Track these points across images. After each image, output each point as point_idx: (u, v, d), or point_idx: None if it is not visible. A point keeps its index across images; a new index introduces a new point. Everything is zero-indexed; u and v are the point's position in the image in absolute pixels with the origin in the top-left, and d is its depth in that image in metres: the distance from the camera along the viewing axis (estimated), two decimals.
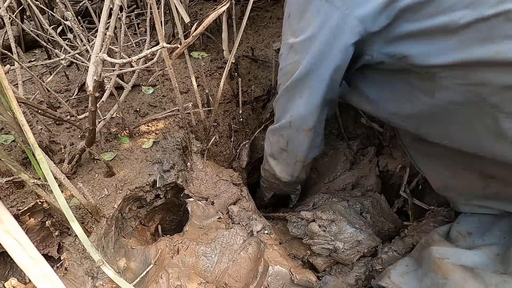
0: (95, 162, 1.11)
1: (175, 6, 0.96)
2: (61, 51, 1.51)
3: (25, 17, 1.79)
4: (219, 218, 1.07)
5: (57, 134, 1.20)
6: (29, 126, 0.63)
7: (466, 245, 0.78)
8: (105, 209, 0.99)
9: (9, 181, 0.92)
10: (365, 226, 1.01)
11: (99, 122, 1.09)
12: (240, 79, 1.35)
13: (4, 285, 0.68)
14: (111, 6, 0.80)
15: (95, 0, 2.05)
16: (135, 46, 1.69)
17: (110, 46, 1.12)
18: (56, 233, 0.93)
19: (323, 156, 1.44)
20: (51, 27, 1.46)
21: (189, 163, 1.16)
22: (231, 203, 1.11)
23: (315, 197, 1.16)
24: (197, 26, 0.93)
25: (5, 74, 0.60)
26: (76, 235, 0.88)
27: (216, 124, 1.33)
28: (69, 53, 1.27)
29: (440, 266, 0.72)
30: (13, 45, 1.07)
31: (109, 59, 0.75)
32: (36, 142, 0.58)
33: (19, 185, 0.99)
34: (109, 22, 0.81)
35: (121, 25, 1.17)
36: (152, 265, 0.95)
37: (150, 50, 0.75)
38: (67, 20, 1.33)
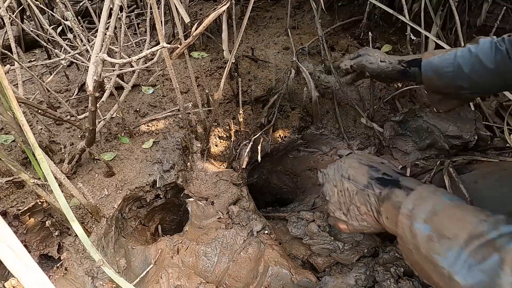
0: (95, 162, 1.11)
1: (175, 6, 0.96)
2: (61, 51, 1.51)
3: (25, 17, 1.79)
4: (219, 218, 1.07)
5: (57, 134, 1.20)
6: (29, 126, 0.63)
7: None
8: (105, 209, 0.99)
9: (9, 181, 0.92)
10: None
11: (99, 122, 1.09)
12: (240, 79, 1.35)
13: (4, 285, 0.68)
14: (111, 6, 0.80)
15: (95, 0, 2.05)
16: (135, 46, 1.69)
17: (110, 46, 1.12)
18: (56, 233, 0.93)
19: (323, 156, 1.44)
20: (51, 27, 1.46)
21: (189, 163, 1.16)
22: (231, 203, 1.11)
23: (315, 197, 1.16)
24: (197, 26, 0.93)
25: (5, 74, 0.60)
26: (76, 235, 0.88)
27: (216, 124, 1.33)
28: (69, 53, 1.27)
29: None
30: (13, 45, 1.07)
31: (109, 59, 0.75)
32: (36, 142, 0.58)
33: (19, 185, 0.99)
34: (109, 22, 0.81)
35: (121, 25, 1.17)
36: (152, 265, 0.95)
37: (150, 50, 0.75)
38: (67, 20, 1.33)
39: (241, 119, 1.30)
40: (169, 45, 0.78)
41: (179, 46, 0.95)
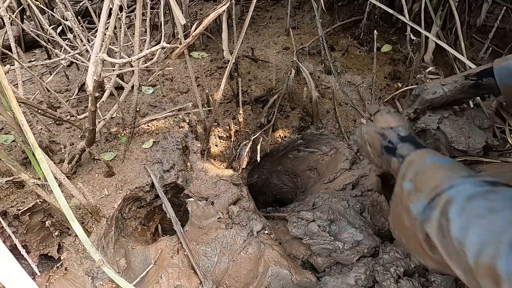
0: (95, 162, 1.11)
1: (173, 8, 0.96)
2: (61, 51, 1.51)
3: (25, 17, 1.79)
4: (219, 218, 1.07)
5: (57, 134, 1.20)
6: (29, 126, 0.63)
7: None
8: (105, 209, 0.99)
9: (9, 181, 0.92)
10: (365, 226, 1.01)
11: (99, 122, 1.09)
12: (240, 79, 1.35)
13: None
14: (111, 6, 0.80)
15: (95, 0, 2.05)
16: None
17: (110, 46, 1.12)
18: (56, 233, 0.93)
19: (323, 156, 1.44)
20: (51, 27, 1.46)
21: (189, 163, 1.16)
22: (231, 203, 1.11)
23: (315, 197, 1.16)
24: (197, 26, 0.93)
25: (5, 74, 0.60)
26: (76, 235, 0.88)
27: (216, 124, 1.33)
28: (69, 53, 1.27)
29: None
30: (13, 45, 1.07)
31: (109, 59, 0.75)
32: (36, 142, 0.58)
33: (19, 185, 0.99)
34: (109, 22, 0.81)
35: (121, 25, 1.17)
36: (152, 265, 0.95)
37: (150, 50, 0.75)
38: (67, 20, 1.33)
39: (241, 119, 1.30)
40: (169, 45, 0.78)
41: (179, 46, 0.95)
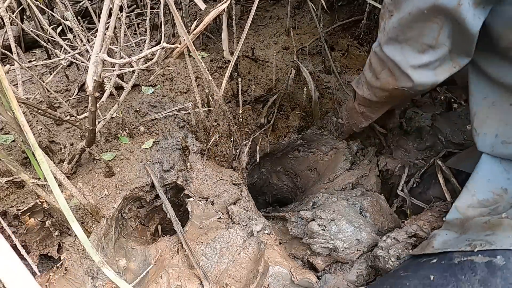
0: (95, 162, 1.11)
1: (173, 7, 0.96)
2: (61, 51, 1.51)
3: (25, 17, 1.79)
4: (219, 218, 1.07)
5: (57, 134, 1.20)
6: (29, 126, 0.63)
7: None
8: (105, 209, 0.99)
9: (9, 181, 0.92)
10: (364, 225, 1.01)
11: (99, 122, 1.09)
12: (240, 79, 1.35)
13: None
14: (111, 6, 0.80)
15: (95, 0, 2.05)
16: (135, 46, 1.69)
17: (110, 46, 1.12)
18: (56, 233, 0.93)
19: (323, 156, 1.44)
20: (51, 27, 1.46)
21: (189, 163, 1.16)
22: (231, 203, 1.11)
23: (315, 197, 1.16)
24: (197, 24, 0.94)
25: (5, 74, 0.60)
26: (76, 235, 0.88)
27: (216, 124, 1.33)
28: (69, 53, 1.27)
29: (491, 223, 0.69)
30: (13, 45, 1.07)
31: (109, 59, 0.75)
32: (36, 142, 0.58)
33: (19, 185, 0.99)
34: (109, 22, 0.81)
35: (121, 25, 1.17)
36: (152, 265, 0.95)
37: (150, 50, 0.75)
38: (67, 20, 1.33)
39: (241, 119, 1.30)
40: (169, 45, 0.78)
41: (179, 45, 0.95)
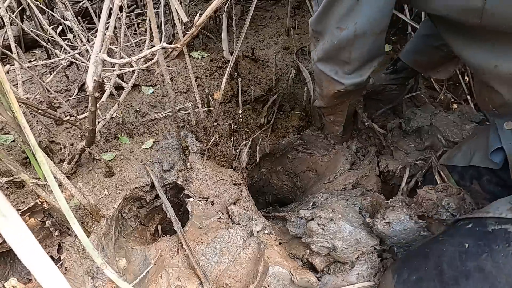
0: (95, 162, 1.11)
1: (175, 7, 0.96)
2: (61, 51, 1.51)
3: (25, 17, 1.79)
4: (219, 218, 1.07)
5: (57, 134, 1.20)
6: (29, 126, 0.63)
7: None
8: (105, 209, 0.99)
9: (9, 181, 0.92)
10: (364, 225, 1.01)
11: (99, 122, 1.09)
12: (240, 79, 1.35)
13: (4, 285, 0.69)
14: (111, 6, 0.80)
15: (95, 0, 2.05)
16: (135, 46, 1.69)
17: (110, 46, 1.12)
18: (56, 233, 0.93)
19: (321, 157, 1.44)
20: (51, 27, 1.46)
21: (189, 163, 1.16)
22: (231, 203, 1.11)
23: (315, 197, 1.16)
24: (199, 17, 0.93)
25: (5, 74, 0.60)
26: (76, 235, 0.88)
27: (216, 124, 1.33)
28: (69, 53, 1.27)
29: None
30: (13, 45, 1.07)
31: (109, 59, 0.75)
32: (36, 143, 0.58)
33: (19, 185, 0.99)
34: (109, 22, 0.81)
35: (121, 25, 1.17)
36: (152, 265, 0.95)
37: (150, 50, 0.74)
38: (67, 20, 1.33)
39: (241, 119, 1.30)
40: (169, 45, 0.78)
41: (179, 46, 0.95)
